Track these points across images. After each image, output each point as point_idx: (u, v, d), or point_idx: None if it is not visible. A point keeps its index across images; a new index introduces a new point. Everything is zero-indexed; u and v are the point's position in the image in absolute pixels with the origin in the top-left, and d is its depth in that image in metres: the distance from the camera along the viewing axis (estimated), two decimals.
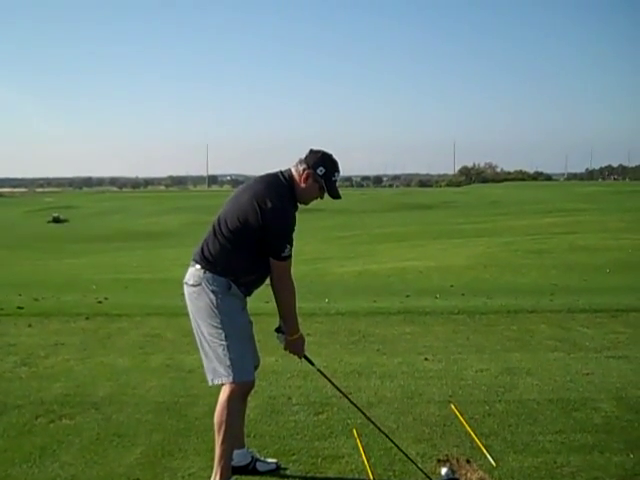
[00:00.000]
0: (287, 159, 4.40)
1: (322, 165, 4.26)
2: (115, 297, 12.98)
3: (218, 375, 4.21)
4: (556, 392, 6.29)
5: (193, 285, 4.27)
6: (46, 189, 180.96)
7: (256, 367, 4.57)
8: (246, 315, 4.43)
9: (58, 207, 77.00)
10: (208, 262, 4.24)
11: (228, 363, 4.16)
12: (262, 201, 4.12)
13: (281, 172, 4.36)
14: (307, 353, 4.52)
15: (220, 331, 4.18)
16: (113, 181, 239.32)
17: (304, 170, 4.27)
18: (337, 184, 4.37)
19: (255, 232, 4.14)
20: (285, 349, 4.47)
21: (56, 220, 71.74)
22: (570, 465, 4.68)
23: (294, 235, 4.24)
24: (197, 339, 4.33)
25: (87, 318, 9.88)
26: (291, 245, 4.19)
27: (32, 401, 6.04)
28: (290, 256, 4.20)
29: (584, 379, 6.69)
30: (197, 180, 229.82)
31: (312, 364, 4.54)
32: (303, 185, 4.29)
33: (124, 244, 41.95)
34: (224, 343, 4.17)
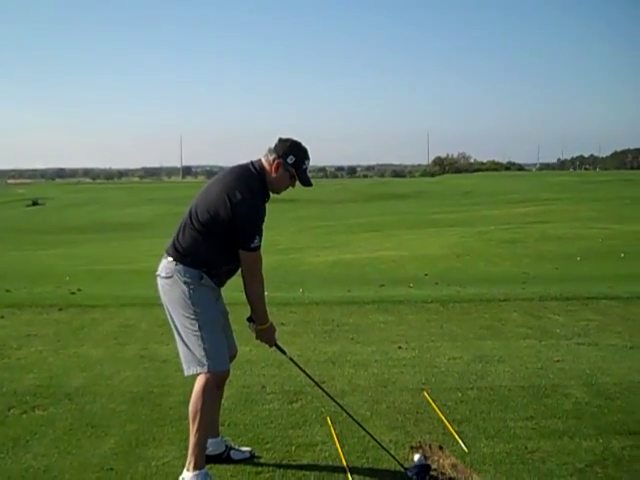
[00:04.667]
0: (262, 149, 4.41)
1: (292, 154, 4.28)
2: (89, 288, 12.91)
3: (193, 365, 4.22)
4: (527, 379, 6.37)
5: (165, 277, 4.29)
6: (18, 180, 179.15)
7: (233, 356, 4.59)
8: (220, 305, 4.46)
9: (29, 205, 76.31)
10: (180, 254, 4.26)
11: (202, 353, 4.17)
12: (232, 193, 4.13)
13: (252, 163, 4.36)
14: (279, 342, 4.55)
15: (194, 322, 4.20)
16: (86, 172, 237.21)
17: (274, 160, 4.28)
18: (308, 171, 4.40)
19: (225, 224, 4.15)
20: (256, 338, 4.49)
21: (34, 203, 71.80)
22: (541, 450, 4.76)
23: (264, 226, 4.25)
24: (172, 329, 4.35)
25: (60, 309, 9.83)
26: (260, 236, 4.20)
27: (4, 392, 6.01)
28: (259, 247, 4.22)
29: (555, 366, 6.78)
30: (171, 171, 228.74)
31: (284, 353, 4.56)
32: (274, 175, 4.29)
33: (98, 235, 41.65)
34: (198, 334, 4.18)
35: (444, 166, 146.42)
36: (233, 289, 4.85)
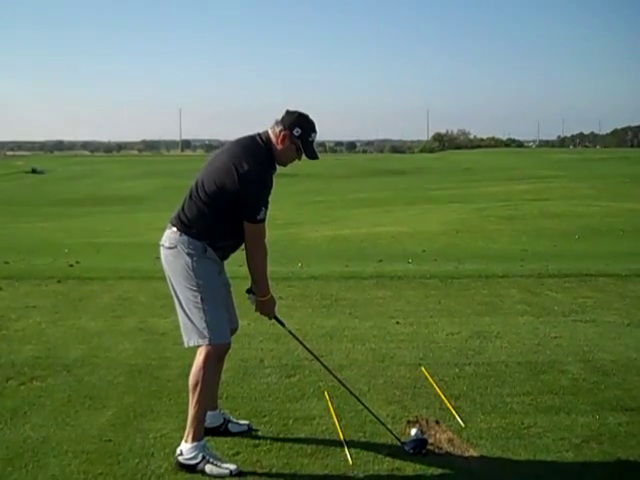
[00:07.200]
0: (261, 124, 4.39)
1: (298, 126, 4.24)
2: (87, 261, 12.91)
3: (194, 337, 4.21)
4: (525, 355, 6.40)
5: (169, 248, 4.27)
6: (17, 152, 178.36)
7: (235, 330, 4.59)
8: (223, 278, 4.46)
9: (28, 172, 76.29)
10: (184, 225, 4.24)
11: (204, 325, 4.17)
12: (239, 163, 4.11)
13: (258, 134, 4.33)
14: (278, 315, 4.55)
15: (196, 294, 4.19)
16: (85, 145, 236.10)
17: (280, 131, 4.24)
18: (314, 144, 4.36)
19: (231, 195, 4.12)
20: (256, 310, 4.49)
21: (34, 171, 72.74)
22: (537, 426, 4.78)
23: (270, 199, 4.23)
24: (174, 301, 4.34)
25: (59, 281, 9.84)
26: (266, 208, 4.19)
27: (3, 364, 6.03)
28: (264, 219, 4.20)
29: (552, 342, 6.80)
30: (170, 145, 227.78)
31: (283, 325, 4.56)
32: (280, 146, 4.26)
33: (97, 208, 41.50)
34: (200, 305, 4.18)
35: (444, 142, 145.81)
36: (232, 263, 4.85)
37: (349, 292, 9.23)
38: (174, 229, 4.28)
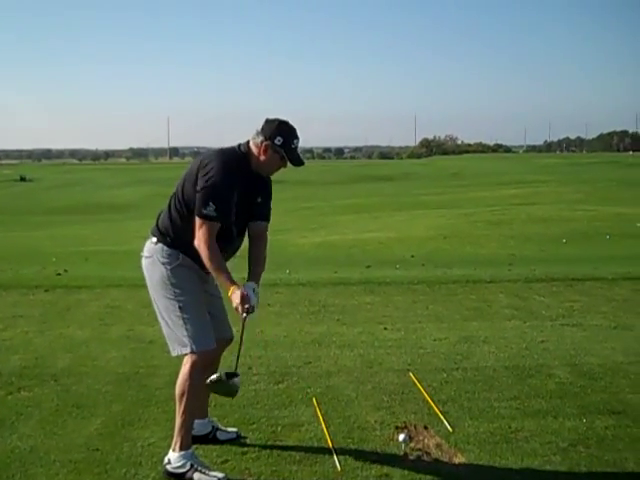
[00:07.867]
0: (249, 130, 4.35)
1: (279, 134, 4.17)
2: (75, 269, 12.89)
3: (177, 346, 4.20)
4: (512, 359, 6.41)
5: (147, 257, 4.28)
6: (4, 161, 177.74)
7: (228, 341, 4.54)
8: (209, 287, 4.41)
9: (17, 180, 76.24)
10: (161, 234, 4.25)
11: (185, 334, 4.15)
12: (203, 163, 4.10)
13: (238, 145, 4.29)
14: (267, 323, 4.47)
15: (174, 302, 4.18)
16: (73, 153, 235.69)
17: (262, 142, 4.17)
18: (297, 150, 4.30)
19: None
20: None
21: (22, 179, 73.53)
22: (524, 430, 4.79)
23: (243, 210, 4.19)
24: (155, 310, 4.33)
25: (46, 290, 9.80)
26: (218, 207, 4.01)
27: None
28: (212, 218, 4.02)
29: (539, 346, 6.82)
30: (158, 152, 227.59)
31: (242, 330, 4.17)
32: (263, 157, 4.20)
33: (85, 216, 41.41)
34: (179, 314, 4.16)
35: (431, 148, 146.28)
36: None
37: (337, 298, 9.24)
38: (153, 239, 4.28)
